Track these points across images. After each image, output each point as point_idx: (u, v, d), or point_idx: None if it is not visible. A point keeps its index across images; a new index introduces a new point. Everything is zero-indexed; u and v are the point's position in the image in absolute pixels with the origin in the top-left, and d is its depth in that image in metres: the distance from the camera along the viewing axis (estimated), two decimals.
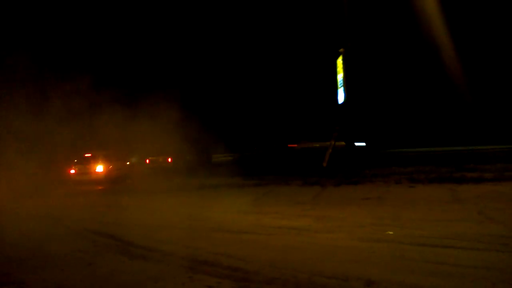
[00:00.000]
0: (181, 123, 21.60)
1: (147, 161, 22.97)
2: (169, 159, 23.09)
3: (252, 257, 4.71)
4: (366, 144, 24.36)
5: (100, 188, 15.09)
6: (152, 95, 19.06)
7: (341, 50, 14.49)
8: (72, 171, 17.01)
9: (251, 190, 11.11)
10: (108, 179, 16.65)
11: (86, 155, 17.55)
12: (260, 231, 6.18)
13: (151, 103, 18.15)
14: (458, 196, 8.03)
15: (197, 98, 29.07)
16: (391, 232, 5.61)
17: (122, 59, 24.92)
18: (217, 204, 9.14)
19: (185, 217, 7.77)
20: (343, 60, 14.43)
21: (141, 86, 21.63)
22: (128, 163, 19.83)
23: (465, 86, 21.94)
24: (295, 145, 28.26)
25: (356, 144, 23.59)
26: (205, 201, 9.92)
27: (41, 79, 18.28)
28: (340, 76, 14.91)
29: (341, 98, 14.77)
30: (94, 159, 17.15)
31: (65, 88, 18.27)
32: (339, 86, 15.05)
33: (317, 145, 25.98)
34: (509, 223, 5.72)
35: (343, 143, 23.72)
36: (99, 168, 16.88)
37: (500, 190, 8.23)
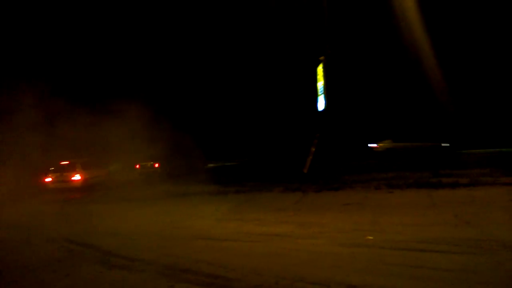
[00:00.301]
0: (167, 129, 21.75)
1: (137, 166, 23.86)
2: (156, 165, 24.01)
3: (234, 264, 4.70)
4: (450, 144, 24.03)
5: (77, 196, 14.75)
6: (135, 103, 18.92)
7: (322, 58, 14.68)
8: (48, 179, 16.60)
9: (233, 197, 11.07)
10: (86, 187, 16.32)
11: (63, 162, 17.17)
12: (242, 238, 6.16)
13: (135, 110, 17.99)
14: (435, 201, 8.20)
15: (184, 104, 29.26)
16: (371, 237, 5.68)
17: (111, 68, 24.93)
18: (198, 212, 9.07)
19: (166, 225, 7.68)
20: (324, 67, 14.62)
21: (125, 93, 21.48)
22: (108, 170, 19.48)
23: (445, 90, 22.35)
24: (377, 145, 25.32)
25: (443, 144, 23.64)
26: (187, 208, 9.82)
27: (11, 85, 17.84)
28: (320, 84, 15.08)
29: (321, 105, 14.93)
30: (72, 166, 16.79)
31: (40, 95, 17.89)
32: (319, 93, 15.21)
33: (403, 145, 23.88)
34: (484, 226, 5.87)
35: (428, 143, 23.37)
36: (77, 176, 16.53)
37: (476, 195, 8.45)
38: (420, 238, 5.43)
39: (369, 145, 25.37)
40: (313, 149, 14.31)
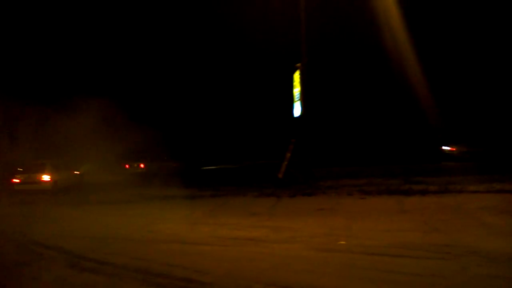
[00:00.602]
0: (147, 133, 21.73)
1: (127, 166, 25.20)
2: (142, 165, 25.25)
3: (207, 268, 4.67)
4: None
5: (47, 198, 14.27)
6: (113, 106, 18.63)
7: (298, 65, 14.84)
8: (16, 180, 15.98)
9: (208, 201, 11.01)
10: (57, 189, 15.81)
11: (32, 163, 16.57)
12: (216, 243, 6.14)
13: (113, 112, 17.72)
14: (405, 208, 8.40)
15: (161, 107, 29.28)
16: (343, 242, 5.77)
17: (90, 69, 24.62)
18: (172, 215, 8.97)
19: (139, 229, 7.55)
20: (300, 74, 14.79)
21: (105, 96, 21.11)
22: (80, 171, 18.94)
23: (426, 97, 22.47)
24: (450, 148, 23.04)
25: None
26: (160, 212, 9.69)
27: None
28: (296, 90, 15.25)
29: (297, 111, 15.08)
30: (41, 167, 16.21)
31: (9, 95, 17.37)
32: (295, 99, 15.37)
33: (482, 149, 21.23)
34: (452, 233, 6.07)
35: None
36: (46, 177, 15.98)
37: (444, 202, 8.72)
38: (391, 243, 5.55)
39: (442, 147, 23.58)
40: (289, 155, 14.40)
